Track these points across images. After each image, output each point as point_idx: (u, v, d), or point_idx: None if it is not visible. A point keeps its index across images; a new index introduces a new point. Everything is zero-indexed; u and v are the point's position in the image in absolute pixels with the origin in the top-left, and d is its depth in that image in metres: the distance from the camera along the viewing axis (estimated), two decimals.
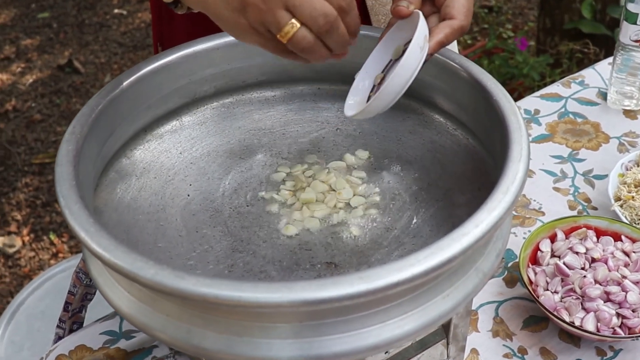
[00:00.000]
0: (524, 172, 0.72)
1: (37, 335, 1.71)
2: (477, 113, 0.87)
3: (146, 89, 0.90)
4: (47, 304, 1.77)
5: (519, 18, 3.47)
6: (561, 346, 1.02)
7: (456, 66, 0.88)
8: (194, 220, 0.86)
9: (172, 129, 0.96)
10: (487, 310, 1.07)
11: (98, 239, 0.66)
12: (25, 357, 1.67)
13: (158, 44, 1.20)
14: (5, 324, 1.72)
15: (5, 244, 2.60)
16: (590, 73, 1.53)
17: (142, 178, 0.90)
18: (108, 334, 1.09)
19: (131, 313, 0.71)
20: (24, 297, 1.77)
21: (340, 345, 0.65)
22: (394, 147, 0.94)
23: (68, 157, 0.76)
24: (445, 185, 0.88)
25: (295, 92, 1.00)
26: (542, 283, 1.03)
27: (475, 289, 0.71)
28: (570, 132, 1.38)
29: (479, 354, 1.02)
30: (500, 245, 0.76)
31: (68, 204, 0.70)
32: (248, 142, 0.96)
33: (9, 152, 2.91)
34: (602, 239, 1.08)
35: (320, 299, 0.59)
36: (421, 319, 0.67)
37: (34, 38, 3.52)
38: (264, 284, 0.60)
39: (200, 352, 0.67)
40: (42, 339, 1.69)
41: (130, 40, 3.45)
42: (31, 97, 3.16)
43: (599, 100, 1.45)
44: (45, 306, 1.76)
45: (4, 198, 2.73)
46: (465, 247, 0.63)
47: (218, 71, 0.95)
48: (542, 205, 1.23)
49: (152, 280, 0.62)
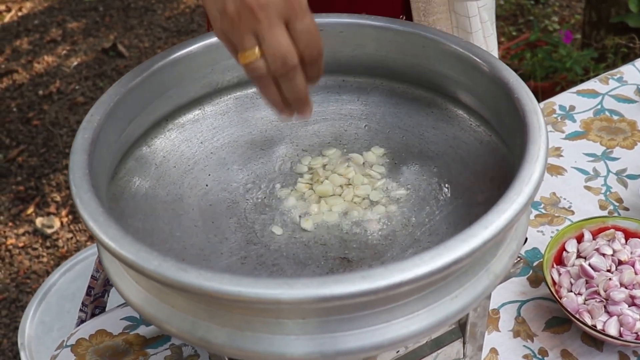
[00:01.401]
0: (539, 174, 0.70)
1: (67, 317, 1.74)
2: (499, 110, 0.85)
3: (167, 78, 0.90)
4: (78, 286, 1.79)
5: (566, 10, 3.40)
6: (583, 349, 1.00)
7: (479, 62, 0.87)
8: (210, 211, 0.86)
9: (194, 118, 0.96)
10: (509, 310, 1.05)
11: (105, 229, 0.66)
12: (54, 337, 1.69)
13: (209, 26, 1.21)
14: (36, 304, 1.75)
15: (44, 224, 2.64)
16: (629, 69, 1.49)
17: (161, 167, 0.90)
18: (128, 319, 1.10)
19: (139, 303, 0.72)
20: (56, 279, 1.80)
21: (343, 343, 0.64)
22: (416, 142, 0.93)
23: (83, 146, 0.76)
24: (465, 183, 0.86)
25: (320, 83, 0.99)
26: (565, 284, 1.01)
27: (485, 290, 0.70)
28: (605, 129, 1.35)
29: (498, 353, 1.00)
30: (515, 247, 0.74)
31: (79, 193, 0.71)
32: (269, 133, 0.96)
33: (52, 134, 2.95)
34: (631, 241, 1.05)
35: (321, 297, 0.59)
36: (428, 319, 0.66)
37: (80, 21, 3.57)
38: (264, 279, 0.59)
39: (205, 345, 0.67)
40: (71, 320, 1.71)
41: (175, 25, 3.47)
42: (75, 79, 3.20)
43: (637, 98, 1.41)
44: (76, 288, 1.79)
45: (44, 179, 2.77)
46: (472, 249, 0.62)
47: None
48: (572, 204, 1.20)
49: (155, 271, 0.62)
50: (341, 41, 0.95)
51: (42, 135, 2.95)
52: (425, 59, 0.92)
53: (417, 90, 0.97)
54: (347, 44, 0.95)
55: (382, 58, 0.96)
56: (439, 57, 0.91)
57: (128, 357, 1.05)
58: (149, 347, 1.05)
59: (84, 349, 1.07)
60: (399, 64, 0.95)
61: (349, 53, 0.96)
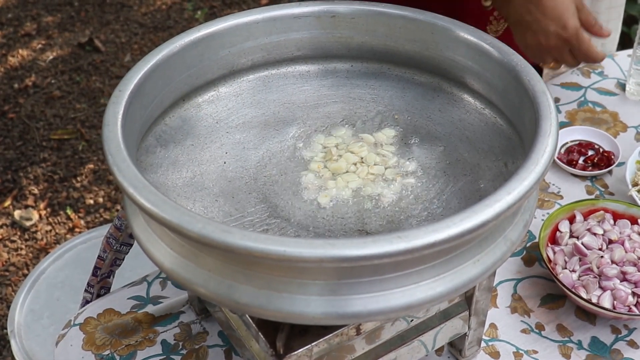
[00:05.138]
0: (552, 146, 0.75)
1: (57, 305, 1.74)
2: (507, 92, 0.90)
3: (188, 58, 0.93)
4: (66, 274, 1.80)
5: None
6: (577, 323, 1.05)
7: (487, 47, 0.91)
8: (230, 187, 0.89)
9: (209, 99, 0.99)
10: (506, 288, 1.10)
11: (147, 195, 0.70)
12: (44, 325, 1.70)
13: None
14: (25, 292, 1.75)
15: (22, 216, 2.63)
16: (609, 64, 1.55)
17: (179, 145, 0.93)
18: (136, 299, 1.13)
19: (173, 269, 0.75)
20: (45, 267, 1.80)
21: (374, 303, 0.69)
22: (423, 124, 0.97)
23: (115, 118, 0.79)
24: (473, 161, 0.91)
25: (329, 68, 1.03)
26: (560, 262, 1.06)
27: (503, 256, 0.74)
28: (589, 120, 1.41)
29: (497, 328, 1.05)
30: (528, 217, 0.79)
31: (116, 162, 0.74)
32: (282, 114, 0.99)
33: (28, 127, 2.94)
34: (619, 222, 1.11)
35: (361, 256, 0.63)
36: (453, 282, 0.71)
37: (55, 15, 3.55)
38: (307, 240, 0.63)
39: (241, 307, 0.70)
40: (61, 308, 1.72)
41: (151, 21, 3.48)
42: (51, 73, 3.19)
43: (618, 91, 1.48)
44: (65, 276, 1.80)
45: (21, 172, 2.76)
46: (498, 213, 0.67)
47: (256, 44, 0.98)
48: (560, 190, 1.26)
49: (199, 233, 0.65)
50: (352, 27, 0.99)
51: (18, 128, 2.94)
52: (434, 45, 0.97)
53: (424, 75, 1.01)
54: (358, 31, 0.99)
55: (391, 44, 1.00)
56: (447, 44, 0.95)
57: (137, 334, 1.07)
58: (157, 324, 1.08)
59: (93, 327, 1.09)
60: (408, 49, 1.00)
61: (360, 39, 1.00)
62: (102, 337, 1.07)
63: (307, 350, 0.78)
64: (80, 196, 2.66)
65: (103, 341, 1.06)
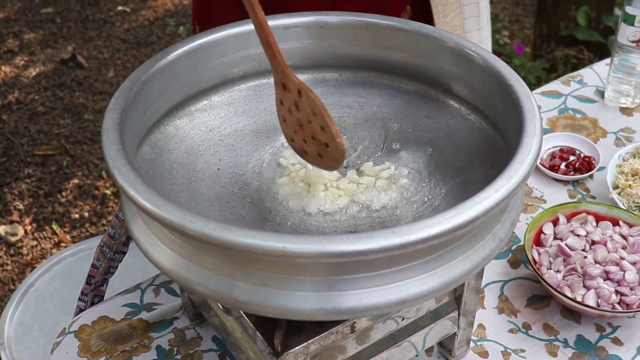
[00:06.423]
0: (537, 146, 0.78)
1: (46, 317, 1.75)
2: (491, 97, 0.93)
3: (181, 68, 0.96)
4: (55, 287, 1.81)
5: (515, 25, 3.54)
6: (563, 322, 1.08)
7: (472, 54, 0.95)
8: (224, 192, 0.92)
9: (202, 107, 1.01)
10: (493, 289, 1.13)
11: (148, 197, 0.72)
12: (34, 337, 1.71)
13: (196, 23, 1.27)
14: (14, 305, 1.76)
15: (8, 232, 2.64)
16: (588, 72, 1.60)
17: (174, 152, 0.96)
18: (130, 306, 1.15)
19: (173, 269, 0.77)
20: (34, 280, 1.81)
21: (370, 298, 0.71)
22: (411, 130, 1.00)
23: (114, 124, 0.81)
24: (460, 165, 0.94)
25: (318, 77, 1.06)
26: (545, 263, 1.09)
27: (492, 252, 0.77)
28: (569, 127, 1.45)
29: (485, 329, 1.08)
30: (515, 215, 0.82)
31: (116, 166, 0.76)
32: (273, 123, 1.02)
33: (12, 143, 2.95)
34: (602, 224, 1.15)
35: (358, 251, 0.65)
36: (444, 277, 0.73)
37: (37, 32, 3.57)
38: (306, 236, 0.66)
39: (240, 304, 0.73)
40: (51, 320, 1.73)
41: (134, 37, 3.50)
42: (34, 89, 3.21)
43: (597, 98, 1.52)
44: (54, 289, 1.80)
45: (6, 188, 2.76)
46: (487, 209, 0.69)
47: (247, 55, 1.01)
48: (543, 194, 1.30)
49: (201, 232, 0.68)
50: (341, 38, 1.02)
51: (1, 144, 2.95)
52: (420, 53, 1.00)
53: (410, 83, 1.04)
54: (346, 40, 1.02)
55: (378, 53, 1.03)
56: (434, 52, 0.99)
57: (132, 340, 1.09)
58: (152, 331, 1.10)
59: (88, 334, 1.10)
60: (395, 58, 1.02)
61: (348, 49, 1.03)
62: (98, 343, 1.08)
63: (303, 347, 0.80)
64: (65, 211, 2.67)
65: (98, 348, 1.07)
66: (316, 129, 0.84)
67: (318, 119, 0.83)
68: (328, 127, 0.82)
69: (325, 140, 0.83)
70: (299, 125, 0.87)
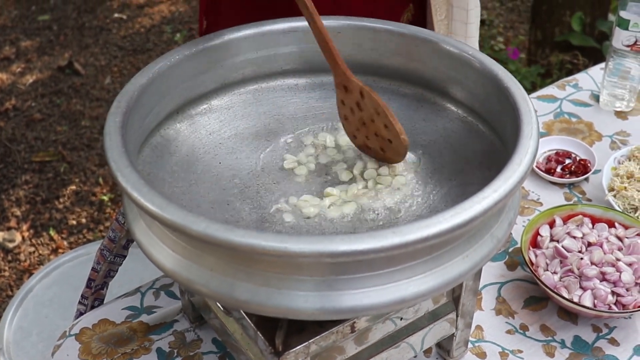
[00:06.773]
0: (534, 148, 0.79)
1: (45, 322, 1.76)
2: (489, 100, 0.95)
3: (182, 72, 0.97)
4: (54, 292, 1.81)
5: (510, 31, 3.56)
6: (560, 323, 1.09)
7: (469, 57, 0.96)
8: (224, 194, 0.93)
9: (202, 111, 1.02)
10: (490, 291, 1.14)
11: (151, 198, 0.73)
12: (33, 342, 1.71)
13: (203, 17, 1.27)
14: (13, 310, 1.76)
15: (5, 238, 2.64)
16: (583, 77, 1.61)
17: (175, 155, 0.97)
18: (130, 309, 1.15)
19: (175, 270, 0.78)
20: (32, 285, 1.81)
21: (369, 298, 0.72)
22: (409, 133, 1.01)
23: (116, 127, 0.82)
24: (458, 167, 0.95)
25: (317, 81, 1.07)
26: (542, 264, 1.11)
27: (490, 252, 0.78)
28: (565, 130, 1.46)
29: (483, 330, 1.09)
30: (512, 215, 0.83)
31: (119, 168, 0.77)
32: (272, 126, 1.03)
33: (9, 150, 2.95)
34: (597, 226, 1.16)
35: (359, 250, 0.66)
36: (443, 276, 0.74)
37: (34, 39, 3.58)
38: (307, 236, 0.67)
39: (241, 304, 0.74)
40: (50, 325, 1.73)
41: (130, 44, 3.51)
42: (31, 96, 3.21)
43: (592, 102, 1.54)
44: (53, 294, 1.81)
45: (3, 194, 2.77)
46: (485, 209, 0.71)
47: (247, 59, 1.02)
48: (540, 197, 1.31)
49: (203, 232, 0.69)
50: (339, 42, 1.03)
51: None
52: (418, 57, 1.01)
53: (407, 86, 1.06)
54: (344, 45, 1.03)
55: (377, 57, 1.04)
56: (431, 56, 1.00)
57: (133, 343, 1.09)
58: (152, 333, 1.11)
59: (89, 337, 1.11)
60: (393, 62, 1.04)
61: (346, 53, 1.04)
62: (98, 346, 1.09)
63: (304, 347, 0.81)
64: (63, 217, 2.67)
65: (99, 350, 1.08)
66: (380, 126, 0.91)
67: (381, 117, 0.91)
68: (392, 125, 0.90)
69: (389, 137, 0.91)
70: (362, 124, 0.94)
